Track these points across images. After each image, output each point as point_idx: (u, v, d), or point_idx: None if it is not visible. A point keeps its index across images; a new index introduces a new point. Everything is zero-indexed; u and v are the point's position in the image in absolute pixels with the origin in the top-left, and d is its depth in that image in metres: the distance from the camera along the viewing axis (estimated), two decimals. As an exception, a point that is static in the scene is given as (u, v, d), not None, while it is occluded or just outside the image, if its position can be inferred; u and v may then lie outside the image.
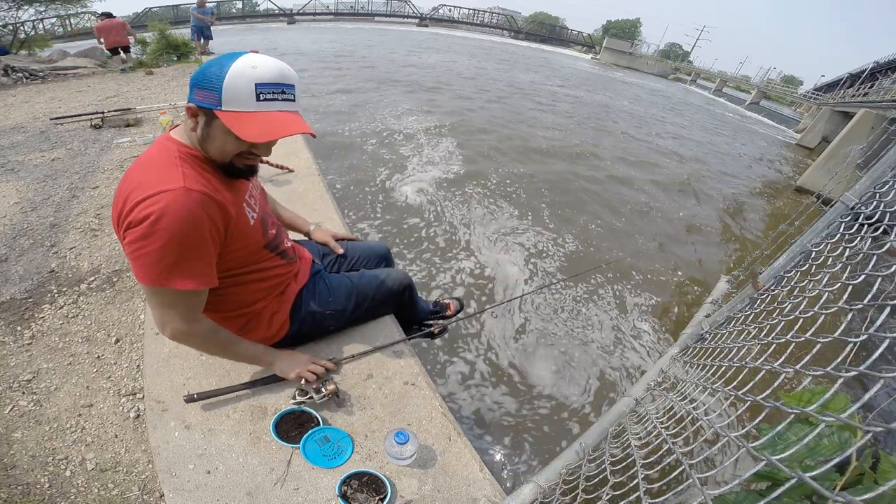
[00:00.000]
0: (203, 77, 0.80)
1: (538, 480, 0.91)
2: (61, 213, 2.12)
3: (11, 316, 1.45)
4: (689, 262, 5.30)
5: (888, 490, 0.41)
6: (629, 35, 60.71)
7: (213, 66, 0.81)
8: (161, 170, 0.83)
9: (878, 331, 0.53)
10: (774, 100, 42.34)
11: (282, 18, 34.94)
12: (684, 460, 0.66)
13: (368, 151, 6.29)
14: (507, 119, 9.72)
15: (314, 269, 1.29)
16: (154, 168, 0.84)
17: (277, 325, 1.17)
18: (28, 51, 10.18)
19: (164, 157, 0.85)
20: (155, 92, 5.07)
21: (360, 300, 1.32)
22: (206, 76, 0.80)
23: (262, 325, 1.15)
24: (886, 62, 22.30)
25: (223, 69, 0.79)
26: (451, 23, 52.60)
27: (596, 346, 3.55)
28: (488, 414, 2.78)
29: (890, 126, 2.53)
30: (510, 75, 17.02)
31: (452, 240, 4.57)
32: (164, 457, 1.01)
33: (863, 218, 0.88)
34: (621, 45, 43.89)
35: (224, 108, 0.80)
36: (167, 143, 0.88)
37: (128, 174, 0.85)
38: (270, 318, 1.15)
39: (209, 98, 0.80)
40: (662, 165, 9.10)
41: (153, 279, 0.83)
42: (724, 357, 0.95)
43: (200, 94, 0.81)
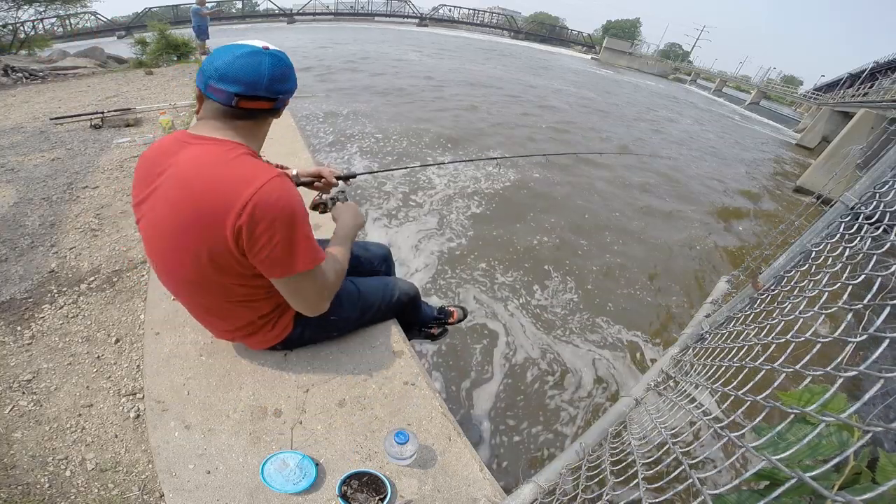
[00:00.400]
0: (293, 82, 0.93)
1: (538, 480, 0.91)
2: (61, 213, 2.12)
3: (11, 316, 1.45)
4: (688, 262, 5.30)
5: (888, 490, 0.41)
6: (629, 35, 60.67)
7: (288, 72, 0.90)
8: (246, 165, 0.86)
9: (878, 331, 0.53)
10: (774, 100, 42.34)
11: (282, 18, 34.94)
12: (684, 460, 0.66)
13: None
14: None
15: None
16: (237, 165, 0.85)
17: (283, 326, 1.17)
18: (28, 51, 10.18)
19: (236, 155, 0.87)
20: (155, 92, 5.07)
21: (366, 308, 1.31)
22: (293, 80, 0.92)
23: (283, 320, 1.15)
24: (886, 62, 22.30)
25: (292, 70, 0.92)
26: (451, 23, 52.55)
27: (596, 346, 3.55)
28: (488, 414, 2.78)
29: (890, 126, 2.55)
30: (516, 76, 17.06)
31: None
32: (164, 457, 1.01)
33: (863, 218, 0.88)
34: (621, 45, 43.88)
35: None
36: (225, 144, 0.88)
37: (200, 174, 0.84)
38: (282, 314, 1.15)
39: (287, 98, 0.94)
40: (661, 164, 9.10)
41: (314, 258, 0.91)
42: (725, 357, 0.95)
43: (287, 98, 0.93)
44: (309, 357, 1.27)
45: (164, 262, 0.96)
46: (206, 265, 0.89)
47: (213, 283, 0.95)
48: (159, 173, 0.89)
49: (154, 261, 0.99)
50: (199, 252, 0.88)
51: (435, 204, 5.28)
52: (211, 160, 0.85)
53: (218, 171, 0.84)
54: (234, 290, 0.97)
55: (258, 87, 0.85)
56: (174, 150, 0.89)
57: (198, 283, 0.95)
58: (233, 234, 0.83)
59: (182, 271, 0.94)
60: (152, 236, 0.94)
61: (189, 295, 1.03)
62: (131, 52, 8.81)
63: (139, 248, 1.89)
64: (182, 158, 0.87)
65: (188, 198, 0.84)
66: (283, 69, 0.88)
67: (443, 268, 4.14)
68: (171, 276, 0.99)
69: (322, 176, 1.38)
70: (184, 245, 0.88)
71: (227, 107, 0.86)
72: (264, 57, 0.85)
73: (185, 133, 0.91)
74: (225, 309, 1.03)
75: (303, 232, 0.88)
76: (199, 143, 0.88)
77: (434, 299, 3.70)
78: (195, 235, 0.86)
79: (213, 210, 0.83)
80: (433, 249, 4.42)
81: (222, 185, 0.82)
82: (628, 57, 42.66)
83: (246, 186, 0.81)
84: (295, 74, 0.93)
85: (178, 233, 0.87)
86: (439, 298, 3.73)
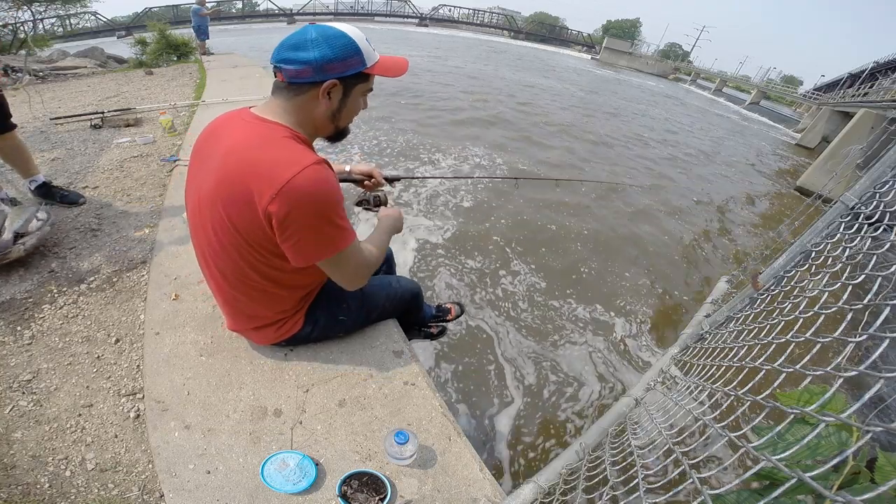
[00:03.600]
0: (336, 51, 0.84)
1: (538, 480, 0.91)
2: (61, 212, 2.12)
3: (11, 316, 1.45)
4: (688, 262, 5.30)
5: (888, 490, 0.41)
6: (629, 35, 60.67)
7: (330, 39, 0.84)
8: (287, 148, 0.86)
9: (878, 331, 0.53)
10: (774, 100, 42.32)
11: (282, 18, 34.93)
12: (684, 460, 0.66)
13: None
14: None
15: None
16: (278, 148, 0.85)
17: (293, 322, 1.17)
18: (28, 51, 10.16)
19: (278, 137, 0.87)
20: (154, 92, 5.06)
21: (371, 308, 1.32)
22: (338, 48, 0.85)
23: (296, 317, 1.16)
24: (886, 62, 22.29)
25: (344, 36, 0.86)
26: (451, 23, 52.51)
27: (595, 346, 3.55)
28: (488, 414, 2.78)
29: (890, 126, 2.55)
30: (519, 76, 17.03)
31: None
32: (164, 457, 1.01)
33: (863, 218, 0.88)
34: (621, 45, 43.88)
35: (368, 65, 0.90)
36: (271, 125, 0.89)
37: (245, 153, 0.85)
38: (298, 310, 1.16)
39: (354, 63, 0.87)
40: (660, 165, 9.10)
41: (348, 238, 0.93)
42: (725, 357, 0.95)
43: (340, 65, 0.86)
44: (309, 357, 1.27)
45: (201, 233, 0.99)
46: (241, 239, 0.92)
47: (244, 256, 0.96)
48: (213, 147, 0.93)
49: (193, 232, 1.03)
50: (235, 226, 0.90)
51: (423, 202, 5.29)
52: (256, 142, 0.86)
53: (259, 153, 0.85)
54: (263, 266, 0.99)
55: (274, 55, 0.87)
56: (232, 126, 0.93)
57: (230, 255, 0.97)
58: (265, 215, 0.85)
59: (217, 243, 0.96)
60: (194, 208, 0.98)
61: (220, 269, 1.03)
62: (131, 52, 8.79)
63: (139, 247, 1.89)
64: (234, 135, 0.89)
65: (229, 175, 0.86)
66: (298, 37, 0.85)
67: (436, 261, 4.14)
68: (206, 248, 1.01)
69: (372, 175, 1.42)
70: (221, 219, 0.91)
71: (276, 82, 0.90)
72: (299, 29, 0.87)
73: (246, 110, 0.94)
74: (251, 288, 1.04)
75: (333, 220, 0.89)
76: (251, 123, 0.90)
77: (428, 294, 3.71)
78: (233, 211, 0.88)
79: (249, 190, 0.84)
80: (428, 240, 4.42)
81: (260, 167, 0.83)
82: (628, 57, 42.66)
83: (283, 171, 0.82)
84: (349, 40, 0.86)
85: (218, 206, 0.90)
86: (434, 296, 3.74)
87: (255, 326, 1.16)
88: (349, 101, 0.94)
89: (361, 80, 0.92)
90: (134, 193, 2.38)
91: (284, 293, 1.09)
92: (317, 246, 0.91)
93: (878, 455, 0.52)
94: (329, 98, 0.90)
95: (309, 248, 0.90)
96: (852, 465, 0.52)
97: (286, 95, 0.90)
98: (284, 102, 0.90)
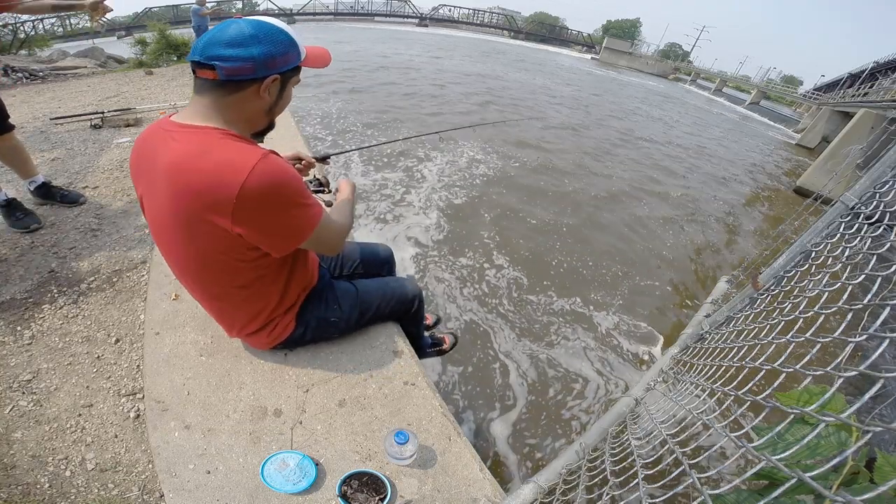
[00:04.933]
0: (279, 46, 0.85)
1: (538, 480, 0.91)
2: (61, 212, 2.12)
3: (11, 316, 1.45)
4: (688, 262, 5.30)
5: (888, 490, 0.41)
6: (629, 35, 60.67)
7: (272, 35, 0.84)
8: (230, 150, 0.83)
9: (878, 331, 0.53)
10: (774, 100, 42.31)
11: (282, 18, 34.89)
12: (684, 460, 0.66)
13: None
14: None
15: (321, 272, 1.27)
16: (222, 149, 0.83)
17: (284, 325, 1.17)
18: (28, 51, 10.17)
19: (216, 140, 0.84)
20: (154, 92, 5.06)
21: (365, 309, 1.31)
22: (279, 44, 0.85)
23: (285, 319, 1.16)
24: (886, 62, 22.28)
25: (282, 31, 0.87)
26: (451, 23, 52.51)
27: (594, 346, 3.55)
28: (489, 414, 2.78)
29: (890, 126, 2.55)
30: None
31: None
32: (164, 457, 1.01)
33: (863, 218, 0.88)
34: (621, 45, 43.87)
35: (302, 58, 0.92)
36: (204, 130, 0.85)
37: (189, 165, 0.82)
38: (286, 311, 1.16)
39: (292, 58, 0.89)
40: (662, 165, 9.10)
41: (317, 214, 0.93)
42: (725, 357, 0.95)
43: (281, 60, 0.86)
44: (309, 357, 1.27)
45: (170, 252, 0.99)
46: (211, 251, 0.91)
47: (219, 266, 0.96)
48: (150, 168, 0.90)
49: (163, 252, 1.02)
50: (203, 240, 0.89)
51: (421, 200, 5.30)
52: (195, 151, 0.83)
53: (203, 163, 0.82)
54: (240, 271, 0.98)
55: (195, 51, 0.83)
56: (160, 141, 0.88)
57: (205, 268, 0.97)
58: (231, 222, 0.84)
59: (188, 259, 0.96)
60: (157, 229, 0.97)
61: (199, 283, 1.03)
62: (131, 52, 8.80)
63: (139, 247, 1.89)
64: (170, 150, 0.85)
65: (180, 192, 0.84)
66: (234, 33, 0.81)
67: (432, 257, 4.14)
68: (179, 265, 1.01)
69: (301, 158, 1.41)
70: (186, 236, 0.89)
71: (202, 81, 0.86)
72: (227, 23, 0.84)
73: (166, 120, 0.90)
74: (233, 296, 1.04)
75: (299, 202, 0.89)
76: (182, 132, 0.86)
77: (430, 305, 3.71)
78: (196, 228, 0.87)
79: (205, 203, 0.83)
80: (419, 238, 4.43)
81: (211, 177, 0.81)
82: (628, 57, 42.65)
83: (235, 175, 0.80)
84: (286, 35, 0.87)
85: (179, 225, 0.88)
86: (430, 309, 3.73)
87: (248, 333, 1.16)
88: (285, 95, 0.95)
89: (295, 72, 0.94)
90: (134, 193, 2.38)
91: (263, 289, 1.07)
92: (292, 232, 0.92)
93: (877, 455, 0.52)
94: (268, 93, 0.89)
95: (285, 236, 0.92)
96: (852, 465, 0.52)
97: (218, 94, 0.86)
98: (214, 101, 0.86)
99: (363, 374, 1.24)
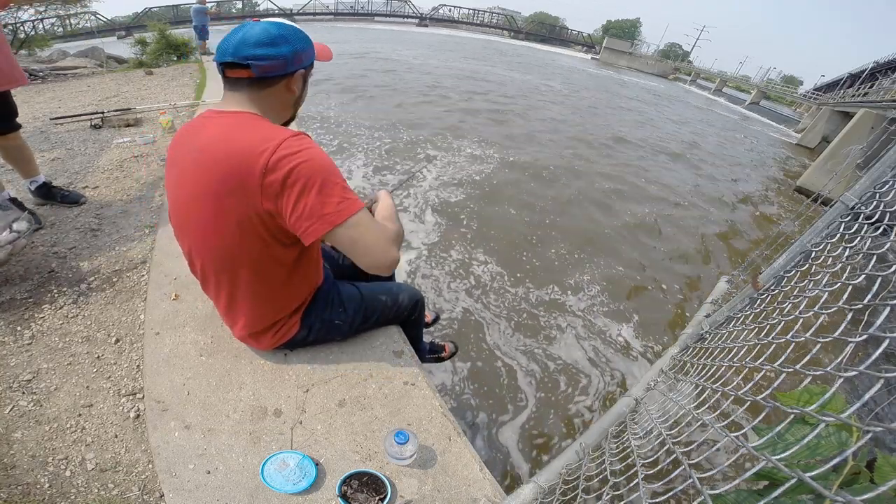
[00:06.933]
0: (300, 44, 0.92)
1: (538, 480, 0.91)
2: (61, 213, 2.12)
3: (11, 316, 1.45)
4: (688, 262, 5.30)
5: (888, 490, 0.41)
6: (629, 35, 60.66)
7: (295, 34, 0.92)
8: (264, 127, 0.88)
9: (878, 331, 0.53)
10: (774, 100, 42.30)
11: (281, 18, 34.87)
12: (684, 460, 0.66)
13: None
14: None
15: (325, 273, 1.26)
16: (255, 128, 0.87)
17: (290, 326, 1.16)
18: (28, 51, 10.17)
19: (252, 121, 0.89)
20: (154, 92, 5.07)
21: (369, 313, 1.31)
22: (301, 41, 0.93)
23: (292, 320, 1.16)
24: (886, 62, 22.28)
25: (301, 30, 0.93)
26: (451, 23, 52.49)
27: (594, 346, 3.55)
28: (489, 414, 2.78)
29: (890, 126, 2.54)
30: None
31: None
32: (164, 457, 1.01)
33: (863, 218, 0.88)
34: (621, 45, 43.84)
35: (316, 53, 0.99)
36: (239, 114, 0.91)
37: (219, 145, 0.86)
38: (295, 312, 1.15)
39: (311, 54, 0.97)
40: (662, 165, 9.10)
41: (356, 202, 0.89)
42: (725, 357, 0.95)
43: (304, 56, 0.94)
44: (309, 357, 1.27)
45: (196, 240, 0.99)
46: (238, 234, 0.91)
47: (244, 253, 0.96)
48: (186, 151, 0.93)
49: (189, 242, 1.02)
50: (231, 222, 0.90)
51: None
52: (229, 130, 0.87)
53: (237, 136, 0.86)
54: (263, 261, 0.98)
55: (226, 53, 0.88)
56: (198, 128, 0.93)
57: (230, 255, 0.96)
58: (263, 190, 0.84)
59: (214, 246, 0.96)
60: (185, 217, 0.97)
61: (221, 272, 1.02)
62: (131, 52, 8.80)
63: (139, 247, 1.89)
64: (205, 133, 0.90)
65: (212, 167, 0.86)
66: (262, 34, 0.87)
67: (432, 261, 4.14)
68: (204, 253, 1.00)
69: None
70: (216, 218, 0.91)
71: (234, 79, 0.92)
72: (248, 25, 0.89)
73: (208, 111, 0.95)
74: (250, 289, 1.04)
75: (333, 180, 0.87)
76: (218, 117, 0.92)
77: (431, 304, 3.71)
78: (226, 202, 0.88)
79: (238, 173, 0.84)
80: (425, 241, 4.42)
81: (244, 147, 0.84)
82: (628, 57, 42.62)
83: (266, 143, 0.83)
84: (302, 33, 0.94)
85: (208, 204, 0.90)
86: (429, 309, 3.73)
87: (254, 332, 1.15)
88: (306, 88, 1.03)
89: (311, 67, 1.01)
90: (134, 193, 2.39)
91: (284, 292, 1.08)
92: (323, 207, 0.85)
93: (877, 456, 0.52)
94: (296, 87, 0.97)
95: (316, 209, 0.85)
96: (852, 466, 0.52)
97: (252, 90, 0.92)
98: (248, 96, 0.92)
99: (363, 374, 1.24)
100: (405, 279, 3.90)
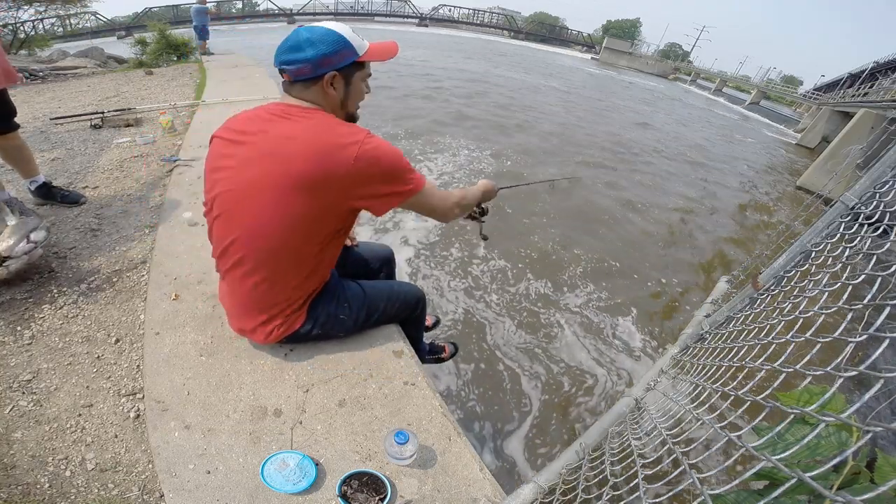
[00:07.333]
0: (327, 47, 0.95)
1: (538, 480, 0.91)
2: (61, 212, 2.12)
3: (11, 316, 1.45)
4: (688, 262, 5.30)
5: (888, 490, 0.41)
6: (629, 35, 60.65)
7: (321, 38, 0.95)
8: (343, 125, 0.99)
9: (878, 331, 0.53)
10: (774, 100, 42.28)
11: (281, 18, 34.93)
12: (684, 460, 0.66)
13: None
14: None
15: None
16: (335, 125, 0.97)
17: (294, 318, 1.16)
18: (28, 51, 10.17)
19: (327, 119, 0.98)
20: (154, 92, 5.06)
21: (372, 309, 1.31)
22: (329, 44, 0.95)
23: (298, 312, 1.17)
24: (886, 62, 22.27)
25: (333, 33, 0.96)
26: (451, 23, 52.50)
27: (594, 346, 3.55)
28: (488, 414, 2.78)
29: (890, 126, 2.55)
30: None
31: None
32: (164, 457, 1.01)
33: (863, 218, 0.88)
34: (621, 45, 43.85)
35: (360, 54, 1.00)
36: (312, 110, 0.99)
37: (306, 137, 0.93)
38: (303, 304, 1.16)
39: (347, 55, 0.98)
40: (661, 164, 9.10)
41: (420, 178, 1.05)
42: (725, 357, 0.95)
43: (335, 58, 0.96)
44: (309, 357, 1.27)
45: (244, 220, 1.00)
46: (288, 227, 0.98)
47: (293, 235, 1.00)
48: (257, 139, 0.97)
49: (229, 227, 1.03)
50: (289, 214, 0.96)
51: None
52: (312, 125, 0.95)
53: (322, 131, 0.94)
54: (302, 253, 1.04)
55: (275, 60, 0.99)
56: (270, 118, 0.99)
57: (272, 248, 1.01)
58: (349, 176, 0.93)
59: (264, 224, 0.99)
60: (233, 201, 1.00)
61: (258, 250, 1.02)
62: (131, 52, 8.79)
63: (139, 247, 1.89)
64: (284, 124, 0.96)
65: (290, 162, 0.92)
66: (293, 40, 0.95)
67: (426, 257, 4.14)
68: (249, 229, 1.01)
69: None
70: (273, 208, 0.96)
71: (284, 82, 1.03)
72: (291, 33, 0.97)
73: (274, 104, 1.02)
74: (282, 279, 1.07)
75: (404, 165, 1.01)
76: (293, 109, 0.98)
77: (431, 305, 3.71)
78: (291, 199, 0.94)
79: (325, 169, 0.92)
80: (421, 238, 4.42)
81: (331, 145, 0.93)
82: (628, 57, 42.63)
83: (350, 137, 0.94)
84: (337, 35, 0.96)
85: (272, 197, 0.95)
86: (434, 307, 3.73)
87: (261, 322, 1.14)
88: (352, 89, 1.04)
89: (358, 68, 1.02)
90: (134, 193, 2.39)
91: (304, 283, 1.12)
92: (404, 185, 1.02)
93: (877, 456, 0.52)
94: (333, 88, 1.00)
95: (397, 186, 1.01)
96: (852, 466, 0.52)
97: (297, 90, 1.00)
98: (300, 95, 1.00)
99: (363, 374, 1.25)
100: (405, 279, 3.90)
